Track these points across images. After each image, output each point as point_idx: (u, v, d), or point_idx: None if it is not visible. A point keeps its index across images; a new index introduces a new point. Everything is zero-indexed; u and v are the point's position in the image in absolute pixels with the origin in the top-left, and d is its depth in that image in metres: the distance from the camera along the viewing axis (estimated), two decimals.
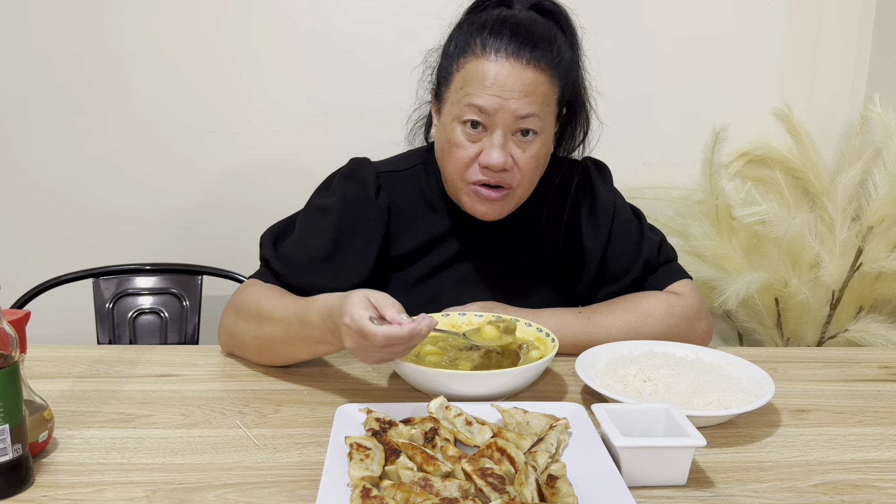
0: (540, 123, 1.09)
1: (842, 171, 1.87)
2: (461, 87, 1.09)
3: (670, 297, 1.20)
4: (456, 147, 1.10)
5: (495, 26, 1.08)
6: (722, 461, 0.85)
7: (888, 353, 1.24)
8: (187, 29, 1.89)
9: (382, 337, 0.85)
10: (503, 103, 1.06)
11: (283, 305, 1.03)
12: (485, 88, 1.06)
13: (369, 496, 0.69)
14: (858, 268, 1.81)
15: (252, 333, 1.08)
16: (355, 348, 0.89)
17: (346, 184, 1.21)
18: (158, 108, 1.93)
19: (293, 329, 1.00)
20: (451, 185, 1.16)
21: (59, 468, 0.80)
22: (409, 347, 0.89)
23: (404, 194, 1.23)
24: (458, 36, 1.12)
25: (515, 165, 1.10)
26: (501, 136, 1.08)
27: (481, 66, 1.06)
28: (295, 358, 1.06)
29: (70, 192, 1.97)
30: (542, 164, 1.15)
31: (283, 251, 1.17)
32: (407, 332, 0.85)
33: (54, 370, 1.08)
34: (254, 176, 1.99)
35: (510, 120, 1.07)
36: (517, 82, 1.06)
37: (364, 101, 1.95)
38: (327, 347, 0.99)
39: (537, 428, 0.85)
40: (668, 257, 1.27)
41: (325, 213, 1.19)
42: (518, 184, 1.12)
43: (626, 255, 1.23)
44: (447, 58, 1.13)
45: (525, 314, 1.15)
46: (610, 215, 1.24)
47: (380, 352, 0.88)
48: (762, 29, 2.00)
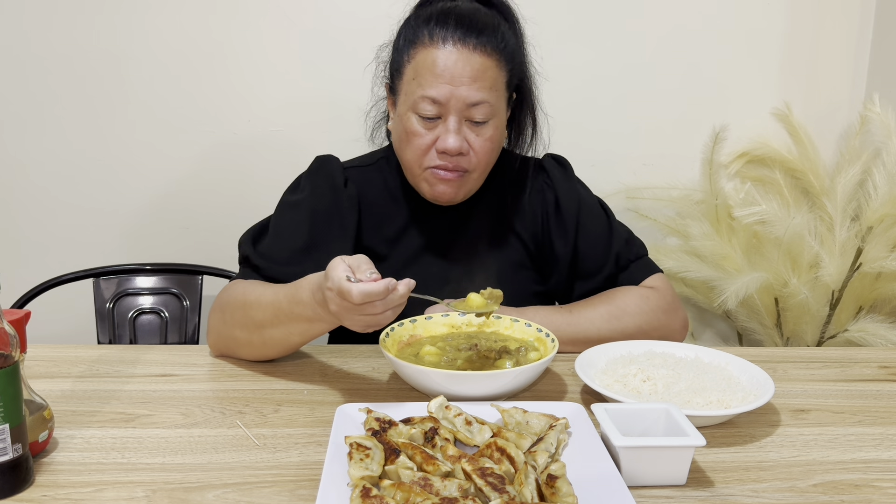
0: (491, 109, 1.13)
1: (841, 171, 1.87)
2: (413, 77, 1.13)
3: (644, 291, 1.23)
4: (413, 136, 1.14)
5: (441, 17, 1.12)
6: (722, 461, 0.85)
7: (888, 353, 1.24)
8: (187, 29, 1.89)
9: (359, 293, 0.86)
10: (454, 90, 1.10)
11: (272, 290, 1.05)
12: (436, 77, 1.10)
13: (369, 496, 0.69)
14: (858, 268, 1.81)
15: (240, 324, 1.08)
16: (338, 311, 0.91)
17: (314, 178, 1.25)
18: (158, 109, 1.93)
19: (283, 310, 1.01)
20: (410, 173, 1.20)
21: (59, 468, 0.80)
22: (391, 309, 0.90)
23: (370, 187, 1.27)
24: (406, 29, 1.17)
25: (471, 149, 1.15)
26: (456, 122, 1.12)
27: (430, 55, 1.11)
28: (286, 343, 1.06)
29: (70, 192, 1.97)
30: (497, 146, 1.19)
31: (262, 248, 1.20)
32: (382, 287, 0.87)
33: (54, 370, 1.08)
34: (253, 176, 1.99)
35: (462, 106, 1.11)
36: (466, 67, 1.10)
37: (364, 101, 1.95)
38: (319, 326, 1.00)
39: (537, 428, 0.85)
40: (639, 253, 1.29)
41: (298, 208, 1.22)
42: (474, 167, 1.17)
43: (597, 250, 1.26)
44: (398, 51, 1.17)
45: (508, 311, 1.16)
46: (575, 210, 1.27)
47: (361, 312, 0.89)
48: (762, 29, 2.00)
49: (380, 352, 1.12)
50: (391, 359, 0.96)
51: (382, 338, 1.02)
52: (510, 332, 1.11)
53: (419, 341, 1.09)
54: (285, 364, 1.12)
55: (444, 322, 1.13)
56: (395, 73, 1.18)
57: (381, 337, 1.03)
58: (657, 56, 1.99)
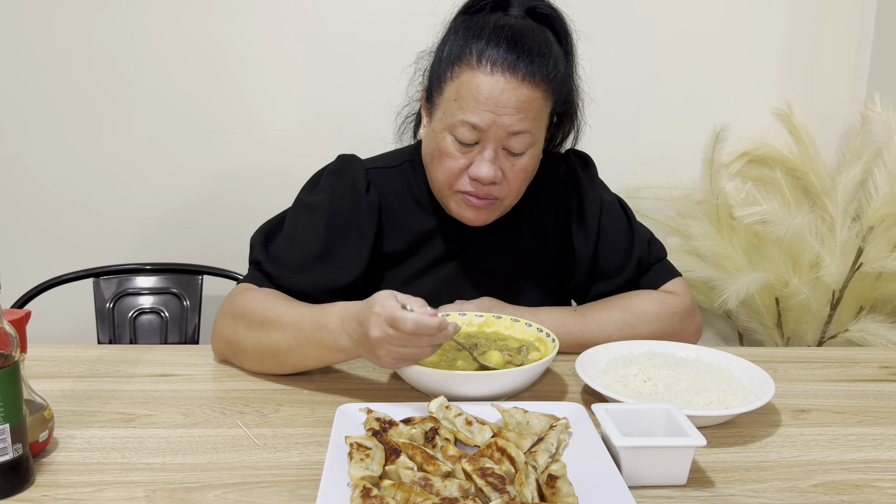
0: (531, 139, 1.08)
1: (842, 170, 1.87)
2: (454, 98, 1.07)
3: (664, 296, 1.21)
4: (446, 157, 1.09)
5: (492, 36, 1.05)
6: (722, 461, 0.85)
7: (888, 353, 1.24)
8: (187, 29, 1.89)
9: (413, 323, 0.84)
10: (496, 119, 1.05)
11: (295, 311, 1.01)
12: (479, 104, 1.04)
13: (369, 496, 0.69)
14: (859, 268, 1.81)
15: (255, 341, 1.04)
16: (379, 339, 0.87)
17: (334, 180, 1.20)
18: (158, 109, 1.93)
19: (305, 334, 0.98)
20: (438, 191, 1.16)
21: (59, 468, 0.80)
22: (433, 345, 0.88)
23: (393, 191, 1.22)
24: (452, 40, 1.09)
25: (505, 178, 1.10)
26: (492, 151, 1.07)
27: (476, 79, 1.04)
28: (300, 366, 1.04)
29: (70, 192, 1.97)
30: (531, 174, 1.14)
31: (274, 252, 1.15)
32: (436, 323, 0.85)
33: (54, 370, 1.08)
34: (254, 176, 1.99)
35: (503, 135, 1.06)
36: (511, 98, 1.04)
37: (364, 101, 1.95)
38: (338, 355, 0.98)
39: (537, 428, 0.85)
40: (659, 255, 1.27)
41: (315, 211, 1.17)
42: (505, 195, 1.12)
43: (618, 253, 1.23)
44: (440, 63, 1.10)
45: (521, 312, 1.15)
46: (597, 211, 1.24)
47: (406, 344, 0.87)
48: (763, 28, 2.00)
49: None
50: None
51: None
52: (510, 332, 1.11)
53: None
54: None
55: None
56: (434, 84, 1.12)
57: None
58: (658, 55, 1.99)
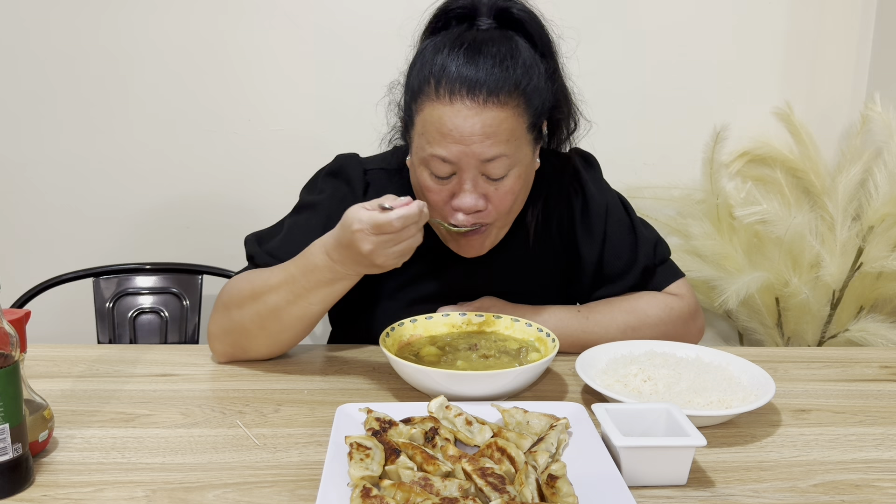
0: (509, 161, 1.02)
1: (842, 170, 1.87)
2: (421, 132, 1.03)
3: (668, 299, 1.21)
4: (427, 191, 1.07)
5: (449, 60, 1.00)
6: (722, 461, 0.85)
7: (889, 353, 1.24)
8: (188, 29, 1.89)
9: (399, 219, 0.89)
10: (465, 150, 0.99)
11: (279, 271, 1.03)
12: (444, 137, 0.99)
13: (369, 496, 0.69)
14: (859, 267, 1.81)
15: (252, 313, 1.05)
16: (374, 249, 0.92)
17: (333, 181, 1.20)
18: (158, 108, 1.93)
19: (299, 284, 1.00)
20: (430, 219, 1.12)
21: (59, 468, 0.80)
22: (419, 229, 0.94)
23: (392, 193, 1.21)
24: (414, 70, 1.05)
25: (489, 203, 1.06)
26: (471, 182, 1.03)
27: (436, 112, 0.99)
28: (307, 317, 1.03)
29: (70, 191, 1.97)
30: (522, 193, 1.10)
31: (270, 247, 1.15)
32: (417, 208, 0.90)
33: (54, 370, 1.08)
34: (254, 175, 1.99)
35: (476, 163, 1.01)
36: (477, 125, 0.98)
37: (364, 102, 1.94)
38: (340, 285, 1.00)
39: (537, 428, 0.85)
40: (664, 256, 1.26)
41: (313, 210, 1.18)
42: (494, 219, 1.08)
43: (622, 258, 1.22)
44: (408, 91, 1.06)
45: (524, 311, 1.15)
46: (603, 215, 1.22)
47: (399, 240, 0.92)
48: (763, 28, 1.99)
49: (380, 352, 1.11)
50: (391, 358, 0.96)
51: (382, 337, 1.02)
52: (510, 332, 1.11)
53: (419, 341, 1.09)
54: (285, 364, 1.12)
55: (444, 322, 1.12)
56: (406, 117, 1.09)
57: (382, 337, 1.02)
58: (658, 55, 1.99)
